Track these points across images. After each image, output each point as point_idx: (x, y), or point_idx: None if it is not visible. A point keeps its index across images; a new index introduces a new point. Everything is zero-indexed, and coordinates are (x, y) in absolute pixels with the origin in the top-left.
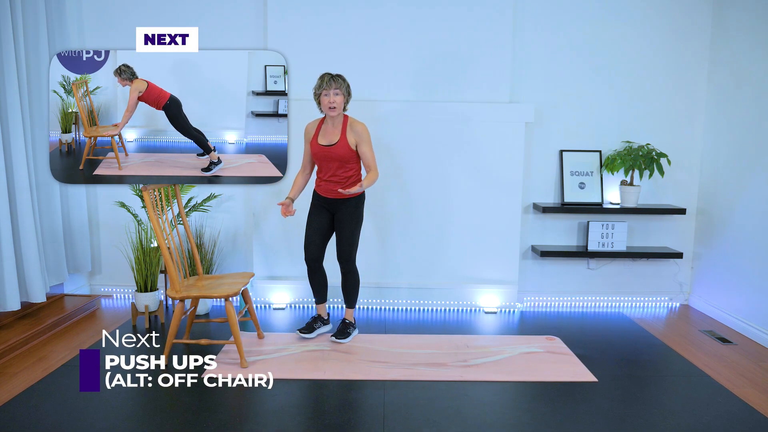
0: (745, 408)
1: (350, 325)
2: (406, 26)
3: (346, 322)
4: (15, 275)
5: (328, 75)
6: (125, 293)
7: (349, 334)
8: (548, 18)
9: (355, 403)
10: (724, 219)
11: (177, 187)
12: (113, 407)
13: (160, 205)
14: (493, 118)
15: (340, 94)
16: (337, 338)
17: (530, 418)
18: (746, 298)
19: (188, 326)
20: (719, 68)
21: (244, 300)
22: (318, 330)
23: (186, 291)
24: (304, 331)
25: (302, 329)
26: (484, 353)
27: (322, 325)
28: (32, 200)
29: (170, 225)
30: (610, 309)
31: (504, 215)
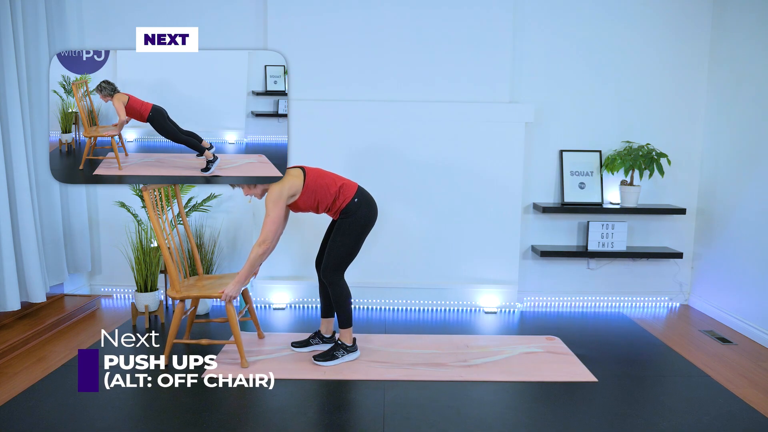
0: (745, 408)
1: (339, 347)
2: (405, 26)
3: (336, 343)
4: (15, 275)
5: None
6: (125, 293)
7: (334, 357)
8: (548, 18)
9: (355, 403)
10: (724, 219)
11: (177, 187)
12: (113, 407)
13: (160, 205)
14: (493, 118)
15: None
16: (316, 360)
17: (530, 418)
18: (746, 298)
19: (188, 326)
20: (719, 68)
21: (244, 300)
22: (314, 346)
23: (186, 291)
24: (298, 345)
25: (297, 343)
26: (484, 353)
27: (320, 342)
28: (32, 200)
29: (170, 225)
30: (610, 309)
31: (504, 215)
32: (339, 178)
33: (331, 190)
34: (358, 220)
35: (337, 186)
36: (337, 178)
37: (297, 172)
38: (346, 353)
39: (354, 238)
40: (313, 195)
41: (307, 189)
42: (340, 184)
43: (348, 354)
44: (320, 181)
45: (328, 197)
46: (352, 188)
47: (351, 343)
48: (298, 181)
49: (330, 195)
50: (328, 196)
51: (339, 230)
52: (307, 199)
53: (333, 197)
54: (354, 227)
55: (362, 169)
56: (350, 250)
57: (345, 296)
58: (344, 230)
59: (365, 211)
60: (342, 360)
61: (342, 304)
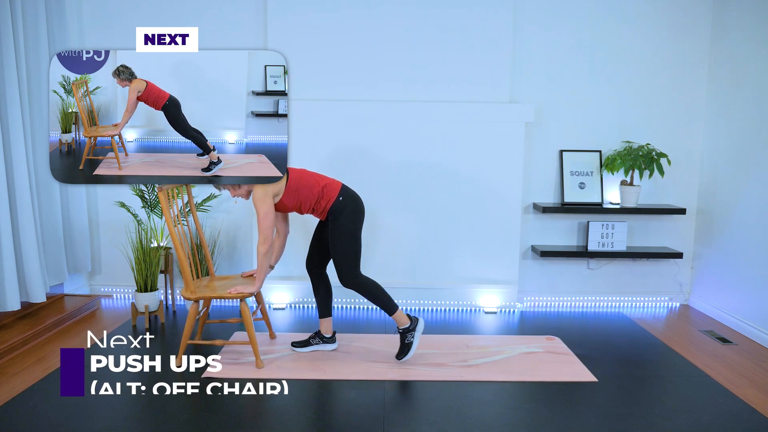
0: (745, 408)
1: (406, 333)
2: (405, 26)
3: (399, 332)
4: (15, 275)
5: None
6: (125, 293)
7: (409, 345)
8: (548, 18)
9: (355, 403)
10: (724, 219)
11: (189, 187)
12: (113, 407)
13: (170, 205)
14: (493, 118)
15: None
16: (398, 358)
17: (530, 418)
18: (746, 298)
19: (200, 327)
20: (719, 68)
21: (256, 300)
22: (314, 346)
23: (200, 292)
24: (298, 345)
25: (297, 343)
26: (484, 353)
27: (320, 342)
28: (32, 200)
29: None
30: (610, 309)
31: (504, 215)
32: (323, 178)
33: (314, 191)
34: (347, 218)
35: (320, 186)
36: (320, 178)
37: (280, 179)
38: (414, 332)
39: (351, 237)
40: (296, 194)
41: (289, 189)
42: (324, 183)
43: (416, 332)
44: (303, 181)
45: (311, 197)
46: (335, 188)
47: (409, 322)
48: (281, 180)
49: (313, 195)
50: (311, 196)
51: (333, 235)
52: (291, 198)
53: (317, 197)
54: (346, 227)
55: (362, 169)
56: (353, 248)
57: (373, 290)
58: (338, 233)
59: (352, 207)
60: (416, 341)
61: (377, 298)
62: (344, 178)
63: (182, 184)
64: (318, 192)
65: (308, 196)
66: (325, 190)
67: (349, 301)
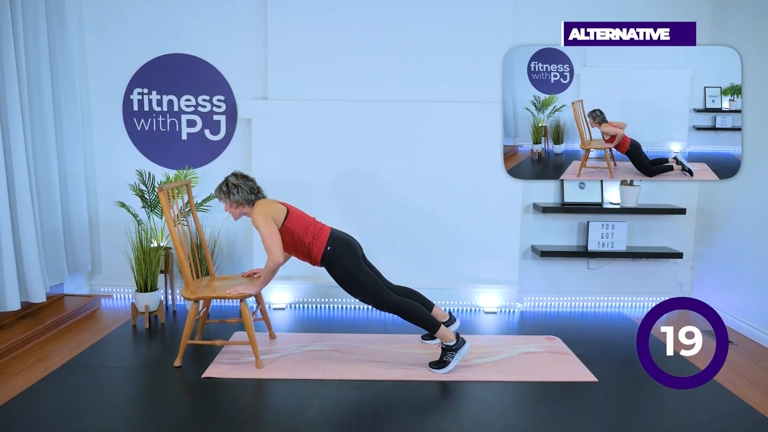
0: (745, 408)
1: (446, 351)
2: (405, 26)
3: (442, 348)
4: (15, 275)
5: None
6: (125, 293)
7: (446, 363)
8: (548, 18)
9: (355, 403)
10: (724, 219)
11: (189, 187)
12: (113, 407)
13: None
14: (494, 118)
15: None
16: (431, 367)
17: (530, 418)
18: (746, 298)
19: (200, 327)
20: None
21: (256, 301)
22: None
23: (200, 292)
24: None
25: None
26: (484, 353)
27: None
28: (32, 200)
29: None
30: (610, 309)
31: (504, 215)
32: (312, 226)
33: (305, 241)
34: (340, 263)
35: (311, 236)
36: (309, 228)
37: (280, 208)
38: (455, 353)
39: (354, 275)
40: (290, 235)
41: (285, 229)
42: (313, 234)
43: (458, 353)
44: (297, 226)
45: (303, 246)
46: (323, 237)
47: (454, 340)
48: (280, 214)
49: (304, 245)
50: (303, 246)
51: (340, 282)
52: (287, 233)
53: (307, 248)
54: (345, 269)
55: (361, 169)
56: (364, 283)
57: (408, 311)
58: (342, 279)
59: (341, 251)
60: (455, 362)
61: (413, 318)
62: (343, 178)
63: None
64: (309, 242)
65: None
66: (315, 241)
67: (349, 301)
